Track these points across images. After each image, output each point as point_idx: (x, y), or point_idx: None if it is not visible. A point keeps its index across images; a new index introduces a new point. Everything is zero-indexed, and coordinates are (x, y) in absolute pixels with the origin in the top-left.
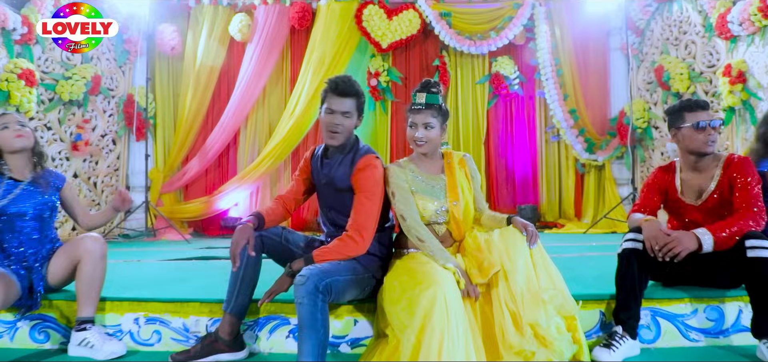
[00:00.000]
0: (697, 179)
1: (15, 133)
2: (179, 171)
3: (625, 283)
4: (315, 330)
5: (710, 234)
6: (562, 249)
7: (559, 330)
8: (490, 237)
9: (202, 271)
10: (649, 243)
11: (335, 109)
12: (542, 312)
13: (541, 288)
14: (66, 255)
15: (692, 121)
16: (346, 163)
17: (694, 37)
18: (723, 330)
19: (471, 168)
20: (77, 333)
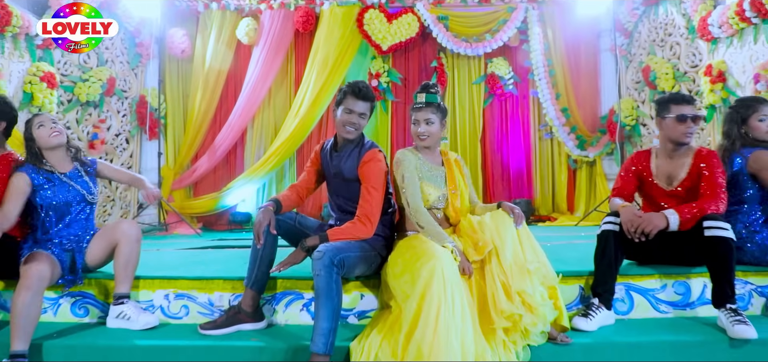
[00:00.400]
0: (670, 166)
1: (50, 131)
2: (189, 168)
3: (603, 260)
4: (330, 298)
5: (676, 213)
6: (553, 238)
7: (543, 298)
8: (482, 220)
9: (219, 257)
10: (626, 226)
11: (353, 109)
12: (529, 281)
13: (527, 261)
14: (104, 238)
15: (676, 113)
16: (353, 157)
17: (679, 38)
18: (689, 303)
19: (464, 168)
20: (115, 307)
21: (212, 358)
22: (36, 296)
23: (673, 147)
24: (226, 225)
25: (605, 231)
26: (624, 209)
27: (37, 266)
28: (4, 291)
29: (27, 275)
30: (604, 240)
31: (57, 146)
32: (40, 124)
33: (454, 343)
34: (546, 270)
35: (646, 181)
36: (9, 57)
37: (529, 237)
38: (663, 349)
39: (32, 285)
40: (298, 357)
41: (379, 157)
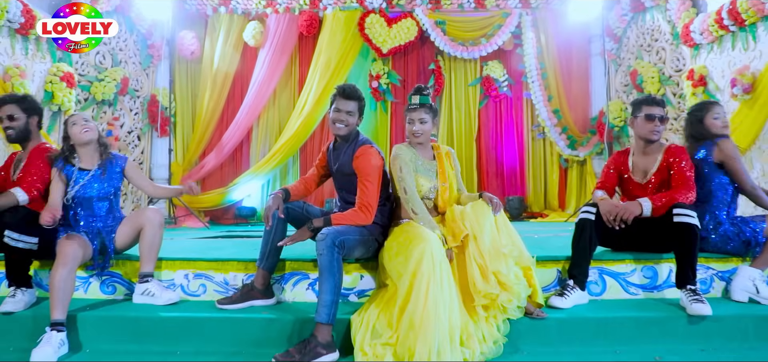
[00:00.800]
0: (644, 162)
1: (82, 128)
2: (197, 164)
3: (579, 245)
4: (332, 274)
5: (649, 201)
6: (542, 231)
7: (517, 277)
8: (464, 210)
9: (230, 244)
10: (606, 216)
11: (341, 108)
12: (504, 263)
13: (502, 245)
14: (131, 223)
15: (646, 112)
16: (348, 153)
17: (664, 44)
18: (656, 286)
19: (454, 160)
20: (141, 285)
21: (228, 329)
22: (71, 272)
23: (644, 143)
24: (232, 219)
25: (582, 220)
26: (603, 201)
27: (71, 245)
28: (40, 270)
29: (63, 253)
30: (581, 227)
31: (88, 142)
32: (74, 122)
33: (442, 315)
34: (520, 252)
35: (623, 176)
36: (32, 58)
37: (506, 224)
38: (628, 324)
39: (68, 263)
40: (305, 328)
41: (371, 151)
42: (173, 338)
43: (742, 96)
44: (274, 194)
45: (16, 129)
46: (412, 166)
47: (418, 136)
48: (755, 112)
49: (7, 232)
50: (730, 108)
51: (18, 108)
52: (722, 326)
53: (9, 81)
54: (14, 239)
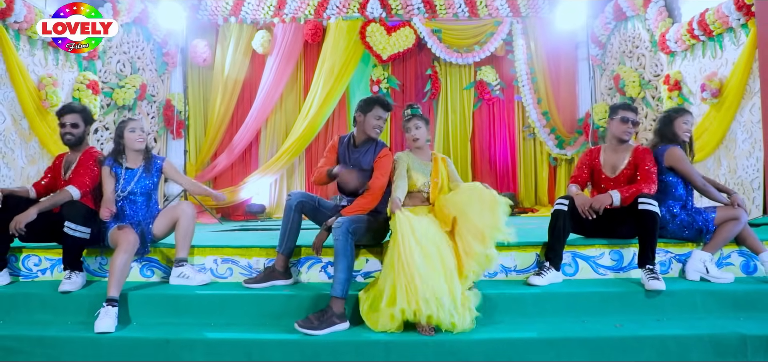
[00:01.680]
0: (614, 159)
1: (139, 137)
2: (209, 165)
3: (554, 232)
4: (346, 256)
5: (618, 192)
6: (531, 225)
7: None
8: (448, 196)
9: (249, 235)
10: (581, 208)
11: (382, 116)
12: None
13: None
14: (167, 215)
15: (621, 116)
16: (370, 152)
17: (644, 51)
18: (623, 267)
19: (449, 164)
20: (177, 268)
21: (253, 304)
22: (130, 257)
23: (616, 143)
24: (242, 216)
25: (557, 210)
26: (577, 196)
27: (132, 235)
28: (87, 257)
29: (127, 241)
30: (556, 216)
31: (139, 150)
32: (133, 129)
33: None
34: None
35: (595, 170)
36: (62, 67)
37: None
38: (593, 298)
39: (129, 249)
40: (319, 302)
41: (389, 153)
42: (207, 312)
43: (711, 100)
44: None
45: (76, 135)
46: (405, 167)
47: (415, 140)
48: (722, 115)
49: (67, 223)
50: (701, 111)
51: (80, 118)
52: (675, 300)
53: (43, 89)
54: (72, 229)
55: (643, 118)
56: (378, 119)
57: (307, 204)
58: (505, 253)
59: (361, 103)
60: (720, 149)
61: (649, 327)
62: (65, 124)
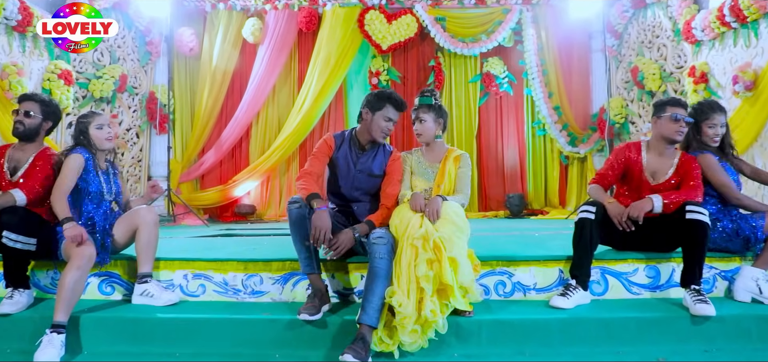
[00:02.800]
0: (659, 163)
1: (108, 135)
2: (196, 162)
3: (580, 245)
4: (387, 277)
5: (660, 197)
6: (542, 229)
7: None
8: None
9: (229, 243)
10: (617, 219)
11: (392, 118)
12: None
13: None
14: (125, 223)
15: (672, 113)
16: (380, 156)
17: (665, 40)
18: (659, 285)
19: (463, 162)
20: (139, 285)
21: (228, 330)
22: (84, 275)
23: (665, 145)
24: (231, 217)
25: (583, 219)
26: (610, 205)
27: (89, 249)
28: (37, 271)
29: (80, 255)
30: (582, 227)
31: (108, 150)
32: (100, 125)
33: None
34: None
35: (634, 172)
36: (29, 55)
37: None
38: (630, 324)
39: (83, 266)
40: (306, 328)
41: (400, 156)
42: (172, 339)
43: (744, 93)
44: (320, 212)
45: (28, 126)
46: (408, 168)
47: (419, 135)
48: (757, 110)
49: (5, 233)
50: (732, 105)
51: (39, 108)
52: (725, 327)
53: (6, 79)
54: (12, 240)
55: None
56: (388, 121)
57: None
58: (524, 269)
59: (371, 97)
60: (754, 147)
61: (697, 359)
62: (19, 111)
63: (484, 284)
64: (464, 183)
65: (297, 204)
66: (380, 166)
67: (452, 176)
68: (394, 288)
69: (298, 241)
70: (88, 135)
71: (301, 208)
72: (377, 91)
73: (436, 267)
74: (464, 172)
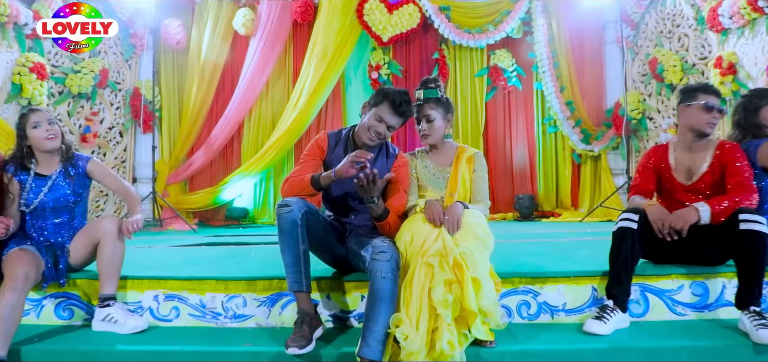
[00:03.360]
0: (690, 159)
1: (46, 134)
2: (184, 162)
3: (619, 259)
4: (393, 302)
5: (707, 206)
6: (557, 235)
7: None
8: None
9: (214, 254)
10: (657, 225)
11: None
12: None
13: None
14: (86, 236)
15: (703, 101)
16: (382, 160)
17: (687, 29)
18: (707, 305)
19: (478, 164)
20: (101, 309)
21: None
22: (21, 298)
23: (693, 137)
24: (222, 221)
25: (622, 229)
26: (651, 207)
27: (24, 267)
28: None
29: (13, 276)
30: (621, 238)
31: (51, 150)
32: (36, 124)
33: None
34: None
35: (664, 176)
36: None
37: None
38: (681, 354)
39: (17, 287)
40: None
41: (407, 160)
42: None
43: None
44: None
45: None
46: (414, 175)
47: (425, 136)
48: None
49: None
50: None
51: None
52: None
53: None
54: None
55: None
56: (379, 121)
57: (312, 216)
58: (551, 287)
59: (376, 92)
60: None
61: None
62: None
63: (505, 305)
64: (482, 190)
65: (287, 208)
66: (382, 172)
67: (467, 181)
68: (401, 316)
69: (287, 252)
70: (25, 136)
71: (292, 213)
72: (385, 87)
73: (456, 290)
74: (481, 175)
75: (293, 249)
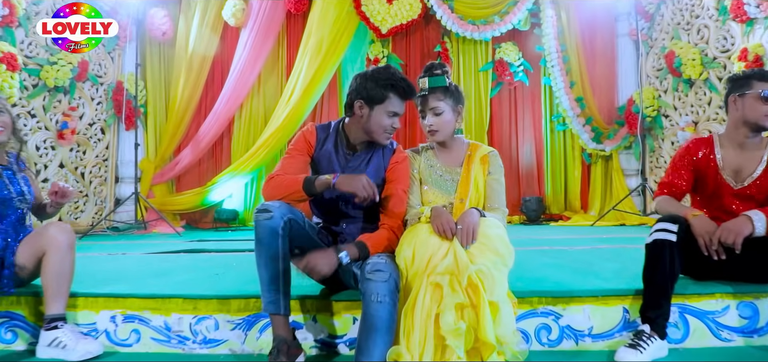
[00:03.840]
0: (740, 159)
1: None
2: (171, 161)
3: (656, 278)
4: (391, 329)
5: (763, 215)
6: (571, 242)
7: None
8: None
9: (188, 265)
10: (704, 240)
11: (399, 112)
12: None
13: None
14: (30, 245)
15: (761, 90)
16: (378, 157)
17: (707, 20)
18: (758, 329)
19: (493, 164)
20: (47, 333)
21: None
22: None
23: (746, 132)
24: (211, 223)
25: (659, 242)
26: (696, 219)
27: None
28: None
29: None
30: (658, 252)
31: (2, 143)
32: None
33: None
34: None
35: (709, 175)
36: None
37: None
38: None
39: None
40: None
41: (406, 154)
42: None
43: None
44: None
45: None
46: (417, 175)
47: (433, 133)
48: None
49: None
50: None
51: None
52: None
53: None
54: None
55: (706, 105)
56: (393, 116)
57: (296, 226)
58: (576, 308)
59: (365, 82)
60: None
61: None
62: None
63: (522, 329)
64: (499, 195)
65: (267, 215)
66: (378, 171)
67: (480, 185)
68: (400, 350)
69: (263, 267)
70: None
71: (273, 220)
72: (372, 70)
73: (470, 316)
74: (497, 178)
75: (271, 264)
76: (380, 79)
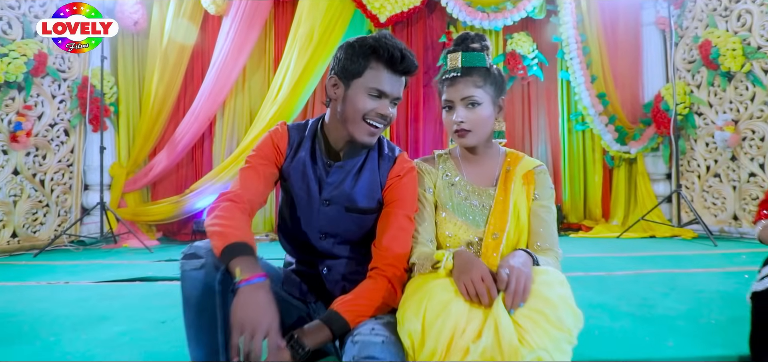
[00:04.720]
0: None
1: None
2: (145, 166)
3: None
4: None
5: None
6: (604, 262)
7: None
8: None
9: (133, 305)
10: None
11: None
12: None
13: None
14: None
15: None
16: (372, 169)
17: (750, 5)
18: None
19: (541, 185)
20: None
21: None
22: None
23: None
24: (190, 236)
25: None
26: None
27: None
28: None
29: None
30: None
31: None
32: None
33: None
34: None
35: None
36: None
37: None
38: None
39: None
40: None
41: (413, 166)
42: None
43: None
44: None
45: None
46: (431, 198)
47: (463, 134)
48: None
49: None
50: None
51: None
52: None
53: None
54: None
55: (748, 101)
56: (377, 97)
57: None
58: None
59: (342, 52)
60: None
61: None
62: None
63: None
64: (551, 230)
65: (196, 262)
66: (372, 190)
67: (523, 214)
68: None
69: (194, 340)
70: None
71: (204, 270)
72: (354, 39)
73: None
74: (547, 206)
75: (205, 334)
76: (361, 44)
